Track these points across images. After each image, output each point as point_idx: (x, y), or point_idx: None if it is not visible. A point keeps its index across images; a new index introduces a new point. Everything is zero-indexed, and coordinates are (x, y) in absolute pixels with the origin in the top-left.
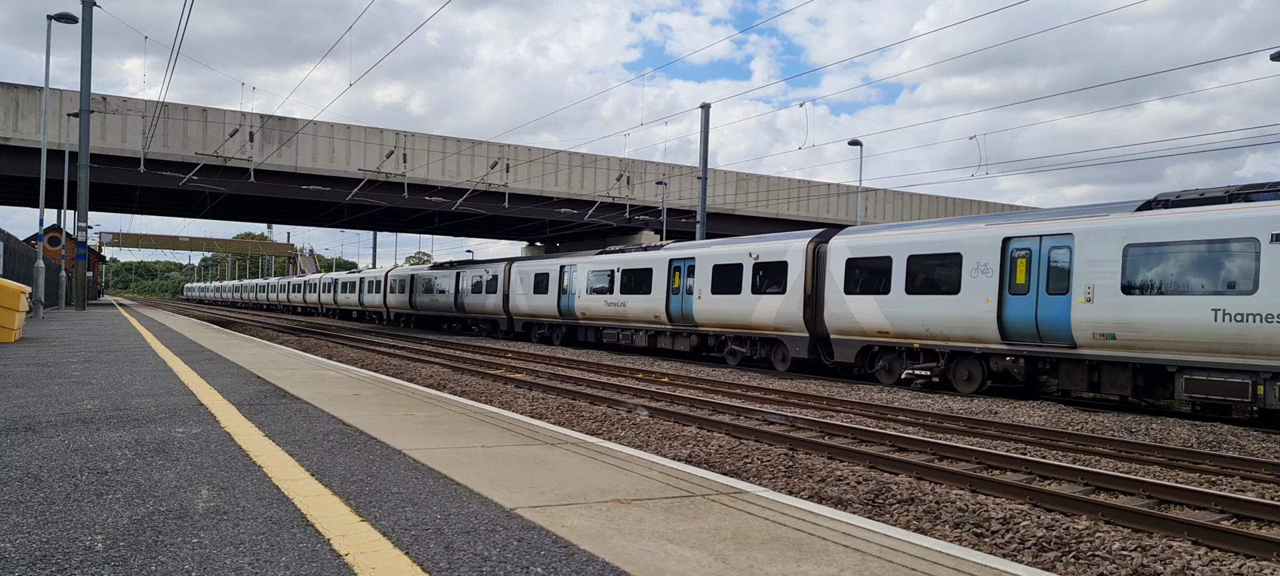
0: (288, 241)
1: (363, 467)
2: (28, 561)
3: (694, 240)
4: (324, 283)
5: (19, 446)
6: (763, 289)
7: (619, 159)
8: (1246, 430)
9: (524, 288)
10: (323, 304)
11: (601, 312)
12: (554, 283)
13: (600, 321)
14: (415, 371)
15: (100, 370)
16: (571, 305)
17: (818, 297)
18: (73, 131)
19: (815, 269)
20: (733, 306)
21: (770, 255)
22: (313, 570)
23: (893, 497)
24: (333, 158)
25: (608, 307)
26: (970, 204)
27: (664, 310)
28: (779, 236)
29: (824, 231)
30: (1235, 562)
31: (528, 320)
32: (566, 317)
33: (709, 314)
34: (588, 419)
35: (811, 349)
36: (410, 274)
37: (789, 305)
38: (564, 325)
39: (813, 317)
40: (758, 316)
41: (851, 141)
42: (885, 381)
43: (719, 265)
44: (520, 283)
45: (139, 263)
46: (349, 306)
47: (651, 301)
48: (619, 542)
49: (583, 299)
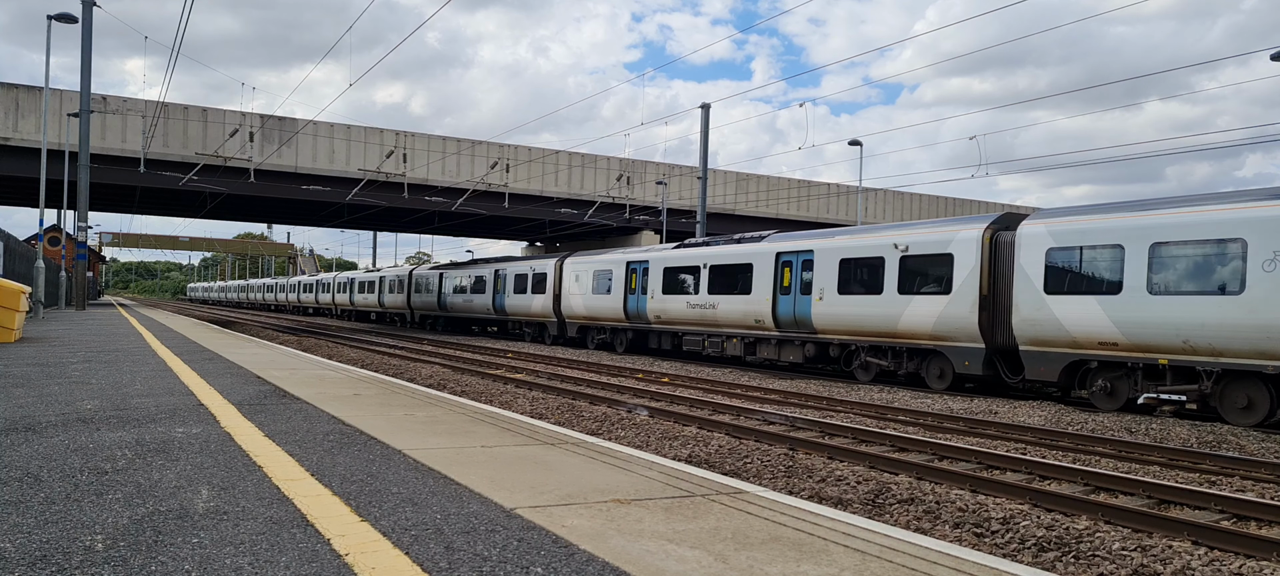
0: (288, 241)
1: (363, 467)
2: (28, 561)
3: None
4: (339, 282)
5: (19, 446)
6: (914, 288)
7: (619, 159)
8: (1246, 430)
9: (580, 287)
10: (337, 305)
11: (681, 316)
12: (619, 281)
13: (680, 326)
14: (415, 371)
15: (100, 370)
16: (641, 307)
17: (998, 299)
18: (73, 131)
19: (994, 263)
20: (870, 310)
21: (926, 246)
22: (313, 570)
23: (893, 497)
24: (333, 158)
25: (691, 310)
26: (970, 204)
27: (769, 313)
28: (936, 223)
29: (1001, 216)
30: (1235, 562)
31: (585, 324)
32: (635, 321)
33: (834, 318)
34: (588, 419)
35: (988, 363)
36: (438, 273)
37: (956, 309)
38: (631, 330)
39: (991, 324)
40: (907, 322)
41: (852, 141)
42: (1104, 405)
43: (850, 259)
44: (576, 281)
45: (139, 263)
46: (366, 308)
47: (751, 303)
48: (619, 542)
49: (657, 300)
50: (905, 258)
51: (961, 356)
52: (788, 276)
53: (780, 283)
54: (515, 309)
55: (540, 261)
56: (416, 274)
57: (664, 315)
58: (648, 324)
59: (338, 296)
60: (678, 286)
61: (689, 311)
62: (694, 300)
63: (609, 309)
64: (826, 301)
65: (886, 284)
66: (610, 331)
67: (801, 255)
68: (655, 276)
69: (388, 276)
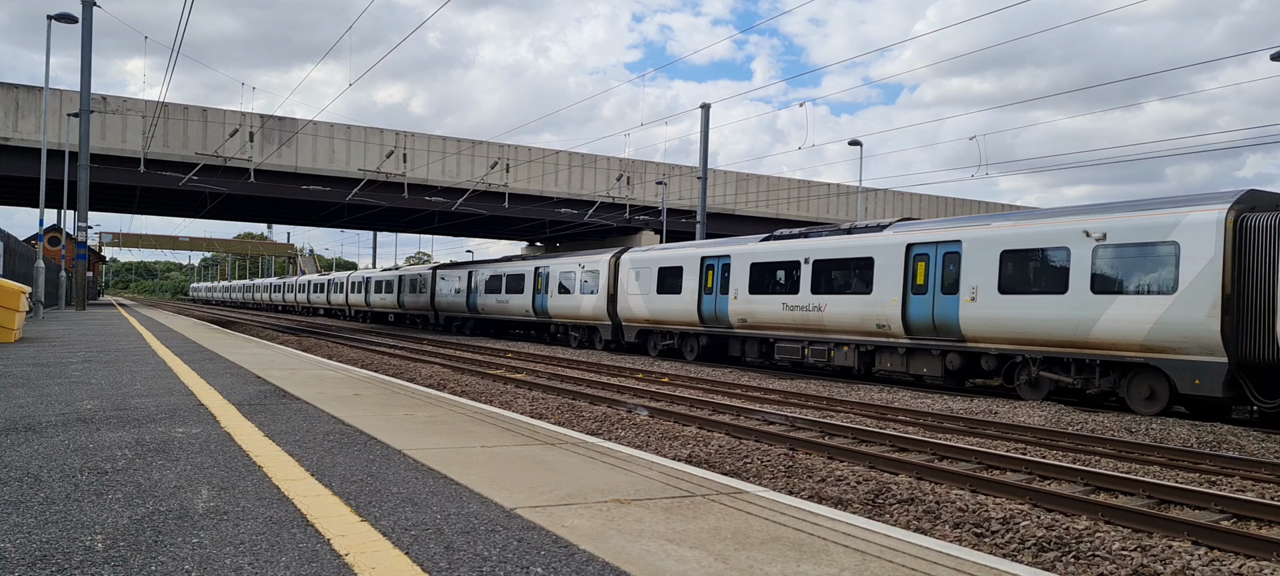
0: (288, 241)
1: (363, 467)
2: (28, 561)
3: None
4: (353, 282)
5: (19, 446)
6: (1116, 287)
7: (619, 159)
8: (1246, 430)
9: (641, 286)
10: (351, 306)
11: (775, 319)
12: (692, 278)
13: (772, 331)
14: (415, 371)
15: (100, 370)
16: (721, 309)
17: (1250, 301)
18: (73, 131)
19: (1240, 253)
20: (1047, 313)
21: (1134, 233)
22: (313, 570)
23: (893, 497)
24: (333, 158)
25: (787, 313)
26: (971, 204)
27: (897, 316)
28: (1145, 205)
29: (1245, 194)
30: (1235, 562)
31: (646, 327)
32: (712, 325)
33: (992, 324)
34: (588, 419)
35: (1230, 382)
36: (468, 271)
37: (1183, 313)
38: (706, 335)
39: (1236, 333)
40: (1105, 330)
41: (852, 141)
42: None
43: (1017, 250)
44: (635, 279)
45: (139, 263)
46: (383, 309)
47: (871, 304)
48: (619, 542)
49: (743, 301)
50: (1102, 248)
51: (1188, 373)
52: (922, 272)
53: (912, 280)
54: (560, 311)
55: (590, 257)
56: (442, 273)
57: (751, 318)
58: (728, 328)
59: (351, 297)
60: (770, 285)
61: (784, 314)
62: (792, 301)
63: (678, 311)
64: (981, 303)
65: (1073, 281)
66: (679, 336)
67: (944, 247)
68: (740, 273)
69: (408, 275)
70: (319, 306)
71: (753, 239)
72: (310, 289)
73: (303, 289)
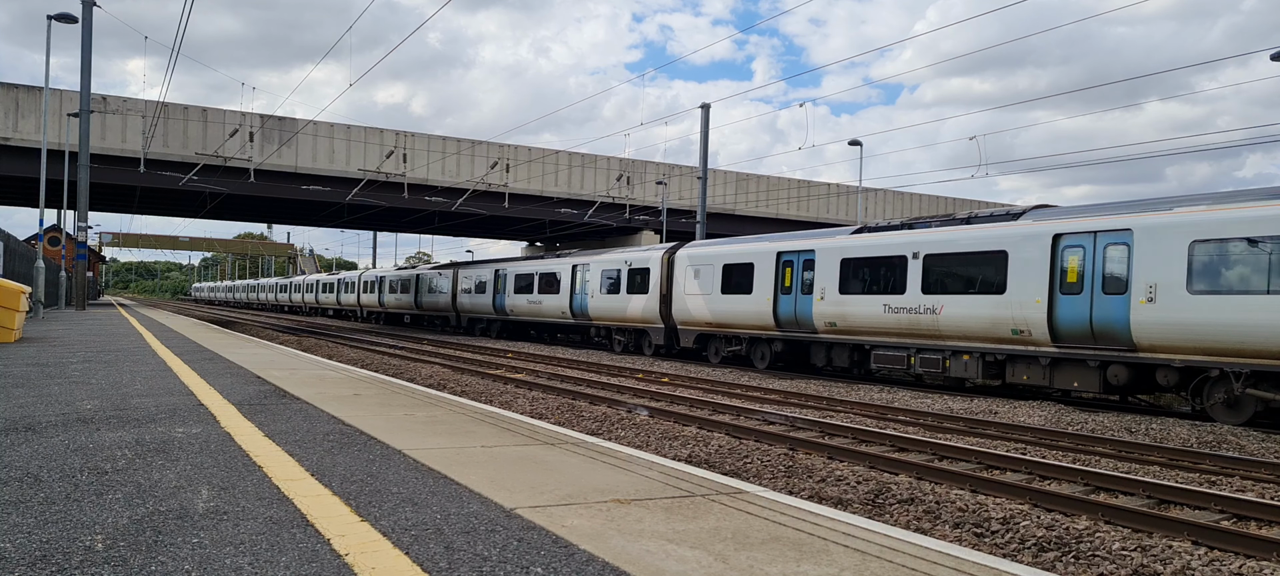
0: (288, 241)
1: (363, 467)
2: (28, 561)
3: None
4: (366, 281)
5: (19, 446)
6: None
7: (619, 159)
8: (1246, 430)
9: (701, 285)
10: (363, 307)
11: (873, 323)
12: (766, 276)
13: (869, 336)
14: (415, 371)
15: (100, 370)
16: (804, 311)
17: None
18: (73, 131)
19: None
20: (1270, 316)
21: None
22: (313, 570)
23: (893, 497)
24: (333, 158)
25: (890, 316)
26: (971, 204)
27: (1042, 320)
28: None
29: None
30: (1235, 562)
31: (707, 331)
32: (791, 328)
33: (1180, 328)
34: (588, 419)
35: None
36: (494, 270)
37: None
38: (782, 340)
39: None
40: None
41: (852, 141)
42: None
43: (1218, 240)
44: (694, 277)
45: (139, 263)
46: (399, 310)
47: (1004, 305)
48: (619, 542)
49: (831, 302)
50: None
51: None
52: (1074, 268)
53: (1061, 277)
54: (603, 312)
55: (639, 254)
56: (465, 272)
57: (842, 321)
58: (810, 332)
59: (364, 297)
60: (867, 283)
61: (886, 318)
62: (897, 302)
63: (748, 313)
64: (1163, 304)
65: None
66: (748, 342)
67: (1106, 237)
68: (827, 270)
69: (426, 274)
70: (328, 307)
71: (841, 231)
72: (319, 289)
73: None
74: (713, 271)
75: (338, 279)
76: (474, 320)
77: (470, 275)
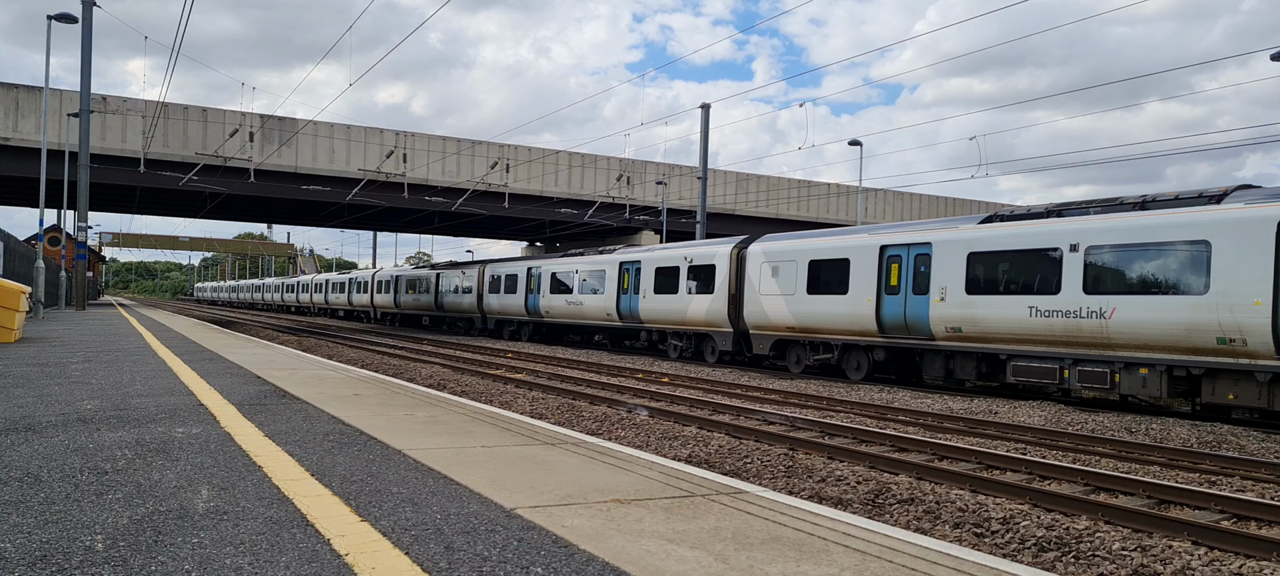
0: (288, 241)
1: (363, 467)
2: (28, 561)
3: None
4: (381, 280)
5: (19, 446)
6: None
7: (619, 159)
8: (1246, 430)
9: (781, 284)
10: (377, 308)
11: (1017, 329)
12: (866, 274)
13: (1006, 343)
14: (415, 371)
15: (100, 370)
16: (916, 314)
17: None
18: (73, 131)
19: None
20: None
21: None
22: (313, 570)
23: (893, 497)
24: (333, 158)
25: (1038, 320)
26: (971, 204)
27: (1267, 325)
28: None
29: None
30: (1235, 562)
31: (788, 337)
32: (897, 334)
33: None
34: (588, 419)
35: None
36: (527, 268)
37: None
38: (885, 347)
39: None
40: None
41: (852, 142)
42: None
43: None
44: (772, 275)
45: (139, 263)
46: (417, 311)
47: (1204, 307)
48: (619, 542)
49: (953, 303)
50: None
51: None
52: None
53: None
54: (657, 315)
55: (702, 249)
56: (494, 270)
57: (970, 326)
58: (924, 339)
59: (378, 297)
60: (1004, 281)
61: (1033, 323)
62: (1047, 304)
63: (842, 316)
64: None
65: None
66: (841, 348)
67: None
68: (949, 266)
69: (447, 273)
70: (338, 308)
71: (962, 221)
72: (329, 289)
73: (319, 288)
74: (796, 268)
75: (349, 278)
76: (502, 322)
77: (498, 273)
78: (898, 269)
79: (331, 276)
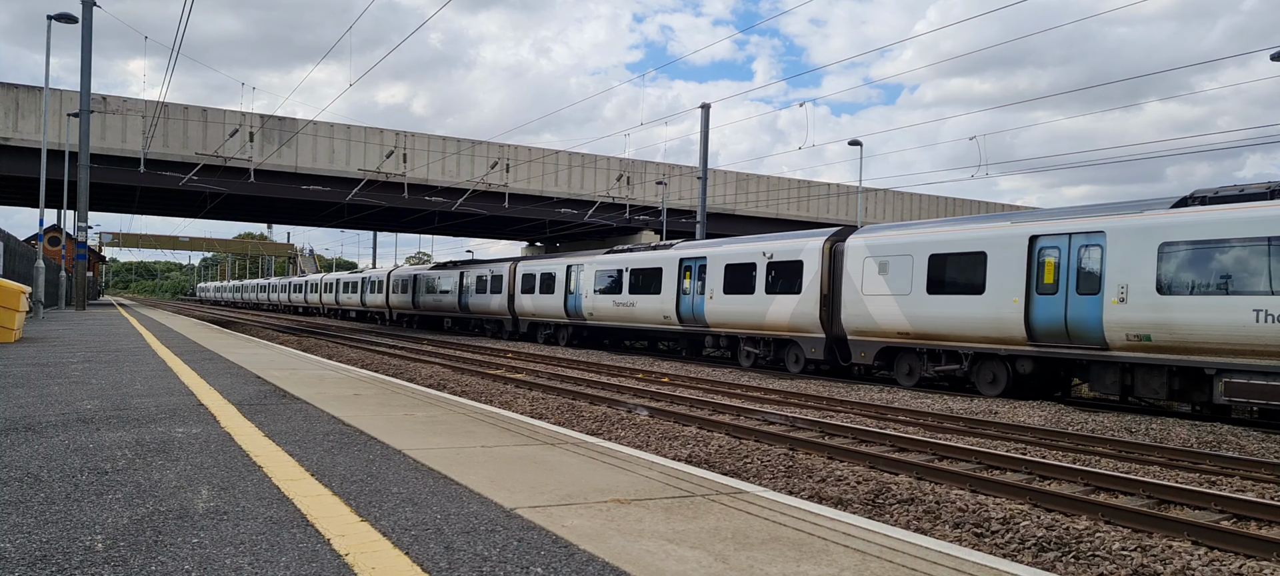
0: (288, 241)
1: (363, 467)
2: (28, 561)
3: None
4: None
5: (19, 446)
6: None
7: (619, 159)
8: (1246, 430)
9: (891, 282)
10: (392, 308)
11: (1239, 338)
12: (1007, 270)
13: (1222, 357)
14: (415, 371)
15: (100, 370)
16: (1082, 318)
17: None
18: (73, 131)
19: None
20: None
21: None
22: (313, 570)
23: (893, 497)
24: (333, 158)
25: (1271, 329)
26: (970, 204)
27: None
28: None
29: None
30: (1235, 562)
31: (900, 343)
32: (1052, 342)
33: None
34: (588, 419)
35: None
36: (566, 266)
37: None
38: (1032, 357)
39: None
40: None
41: (852, 142)
42: None
43: None
44: (877, 274)
45: (139, 263)
46: (439, 312)
47: None
48: (619, 542)
49: (1141, 305)
50: None
51: None
52: None
53: None
54: (727, 317)
55: (786, 243)
56: (527, 268)
57: (1165, 334)
58: (1095, 348)
59: (393, 297)
60: (1214, 279)
61: (1259, 330)
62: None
63: (976, 320)
64: None
65: None
66: (970, 358)
67: None
68: (1129, 261)
69: (472, 272)
70: (349, 309)
71: (1144, 206)
72: (338, 288)
73: (329, 288)
74: (911, 264)
75: (361, 277)
76: (536, 325)
77: (532, 271)
78: (1053, 265)
79: (342, 276)
